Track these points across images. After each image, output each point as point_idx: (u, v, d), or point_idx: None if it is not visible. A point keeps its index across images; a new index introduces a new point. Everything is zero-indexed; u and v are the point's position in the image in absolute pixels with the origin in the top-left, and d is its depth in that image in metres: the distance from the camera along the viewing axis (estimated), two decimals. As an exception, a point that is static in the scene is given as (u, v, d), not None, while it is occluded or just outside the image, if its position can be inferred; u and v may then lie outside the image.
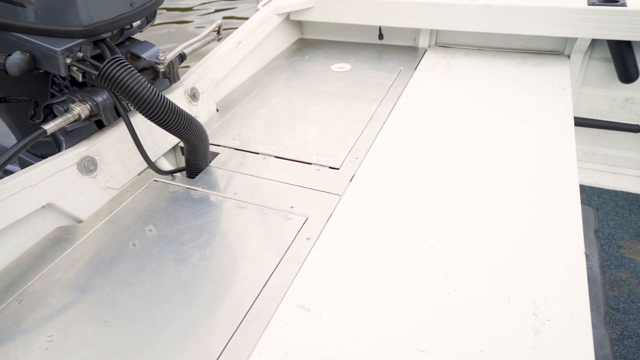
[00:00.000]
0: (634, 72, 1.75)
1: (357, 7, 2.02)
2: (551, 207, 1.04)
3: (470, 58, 1.90)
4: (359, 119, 1.50)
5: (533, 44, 1.91)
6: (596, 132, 1.97)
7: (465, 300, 0.84)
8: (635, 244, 1.63)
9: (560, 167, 1.18)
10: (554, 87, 1.59)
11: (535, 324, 0.79)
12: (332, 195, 1.15)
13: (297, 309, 0.84)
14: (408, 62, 1.94)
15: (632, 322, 1.37)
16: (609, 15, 1.61)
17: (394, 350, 0.76)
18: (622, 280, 1.50)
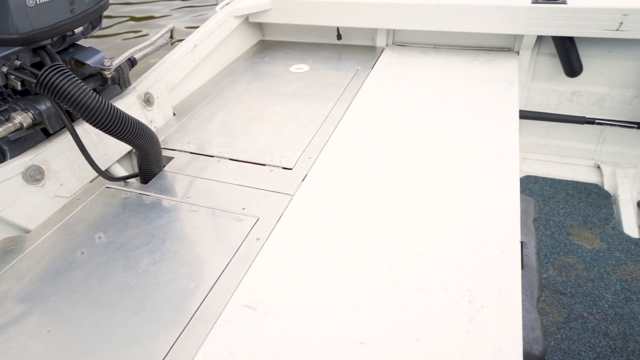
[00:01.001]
0: (577, 66, 1.84)
1: (315, 9, 2.05)
2: (492, 199, 1.09)
3: (426, 56, 1.95)
4: (314, 119, 1.52)
5: (485, 41, 1.97)
6: (547, 124, 2.05)
7: (406, 291, 0.88)
8: (583, 231, 1.71)
9: (502, 160, 1.23)
10: (503, 83, 1.65)
11: (470, 311, 0.83)
12: (284, 195, 1.17)
13: (243, 309, 0.86)
14: (365, 62, 1.97)
15: (578, 305, 1.44)
16: (551, 12, 1.68)
17: (335, 344, 0.78)
18: (570, 265, 1.58)
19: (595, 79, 1.89)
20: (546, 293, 1.48)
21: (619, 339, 1.32)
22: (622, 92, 1.88)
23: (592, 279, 1.51)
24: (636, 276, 1.51)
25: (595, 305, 1.42)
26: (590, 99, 1.94)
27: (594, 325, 1.36)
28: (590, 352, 1.29)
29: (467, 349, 0.77)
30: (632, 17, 1.58)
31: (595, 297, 1.45)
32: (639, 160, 1.97)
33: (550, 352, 1.30)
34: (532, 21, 1.73)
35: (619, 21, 1.61)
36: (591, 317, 1.39)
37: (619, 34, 1.63)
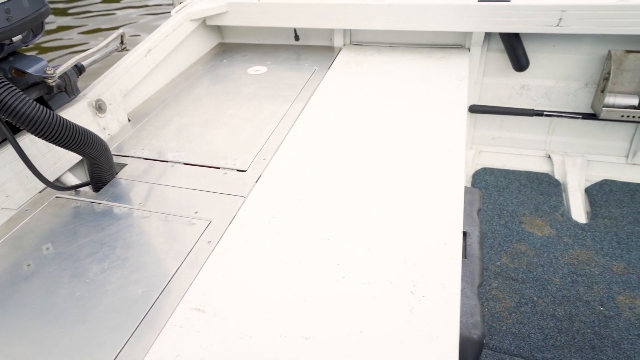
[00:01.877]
0: (524, 61, 1.91)
1: (271, 11, 2.06)
2: (438, 192, 1.13)
3: (381, 55, 1.99)
4: (270, 121, 1.54)
5: (438, 39, 2.03)
6: (501, 117, 2.13)
7: (352, 285, 0.91)
8: (535, 219, 1.79)
9: (449, 154, 1.27)
10: (453, 79, 1.71)
11: (411, 301, 0.87)
12: (237, 197, 1.18)
13: (192, 312, 0.87)
14: (323, 62, 2.00)
15: (529, 289, 1.51)
16: (496, 10, 1.75)
17: (281, 340, 0.80)
18: (522, 252, 1.65)
19: (542, 72, 1.98)
20: (499, 280, 1.54)
21: (565, 320, 1.39)
22: (567, 85, 1.97)
23: (542, 264, 1.58)
24: (582, 260, 1.59)
25: (544, 289, 1.49)
26: (538, 92, 2.02)
27: (543, 308, 1.43)
28: (539, 334, 1.36)
29: (407, 337, 0.80)
30: (569, 13, 1.66)
31: (544, 281, 1.52)
32: (585, 149, 2.06)
33: (502, 336, 1.36)
34: (479, 19, 1.79)
35: (558, 17, 1.68)
36: (540, 300, 1.46)
37: (559, 29, 1.71)
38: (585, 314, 1.40)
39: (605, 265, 1.55)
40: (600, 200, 1.83)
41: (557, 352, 1.30)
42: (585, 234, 1.69)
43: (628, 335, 1.33)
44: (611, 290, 1.47)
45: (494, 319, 1.41)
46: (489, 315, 1.43)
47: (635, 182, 1.89)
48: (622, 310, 1.40)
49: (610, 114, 1.78)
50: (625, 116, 1.76)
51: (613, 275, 1.52)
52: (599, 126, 2.00)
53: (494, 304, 1.46)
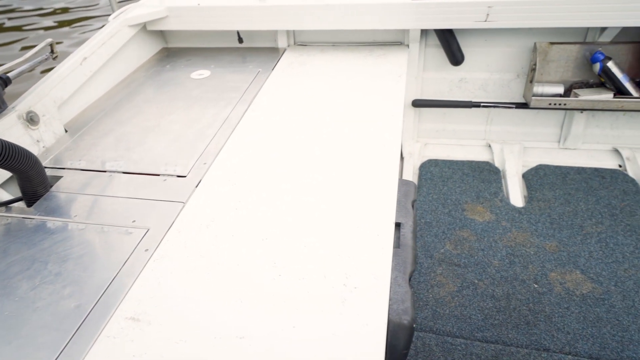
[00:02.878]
0: (459, 55, 2.00)
1: (212, 14, 2.05)
2: (373, 186, 1.17)
3: (324, 54, 2.03)
4: (212, 125, 1.54)
5: (378, 36, 2.08)
6: (443, 110, 2.22)
7: (287, 282, 0.93)
8: (476, 206, 1.88)
9: (386, 148, 1.32)
10: (393, 75, 1.76)
11: (344, 293, 0.90)
12: (176, 203, 1.18)
13: (126, 322, 0.87)
14: (267, 63, 2.01)
15: (470, 273, 1.58)
16: (429, 8, 1.81)
17: (216, 342, 0.82)
18: (464, 238, 1.73)
19: (477, 66, 2.07)
20: (443, 266, 1.61)
21: (503, 299, 1.47)
22: (501, 76, 2.07)
23: (482, 248, 1.67)
24: (519, 242, 1.68)
25: (484, 272, 1.57)
26: (475, 85, 2.12)
27: (483, 290, 1.51)
28: (479, 315, 1.43)
29: (338, 328, 0.84)
30: (495, 9, 1.75)
31: (484, 264, 1.60)
32: (522, 136, 2.18)
33: (445, 320, 1.43)
34: (414, 17, 1.86)
35: (485, 13, 1.77)
36: (481, 283, 1.54)
37: (487, 24, 1.80)
38: (521, 292, 1.49)
39: (539, 245, 1.65)
40: (536, 185, 1.94)
41: (495, 330, 1.38)
42: (521, 217, 1.79)
43: (559, 308, 1.43)
44: (544, 268, 1.56)
45: (438, 304, 1.48)
46: (433, 300, 1.49)
47: (566, 166, 2.01)
48: (554, 286, 1.50)
49: (539, 103, 1.89)
50: (553, 104, 1.87)
51: (546, 254, 1.62)
52: (532, 114, 2.11)
53: (438, 290, 1.53)
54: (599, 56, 1.79)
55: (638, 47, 1.80)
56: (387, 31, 2.05)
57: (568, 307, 1.43)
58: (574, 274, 1.54)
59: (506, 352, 1.32)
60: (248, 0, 2.05)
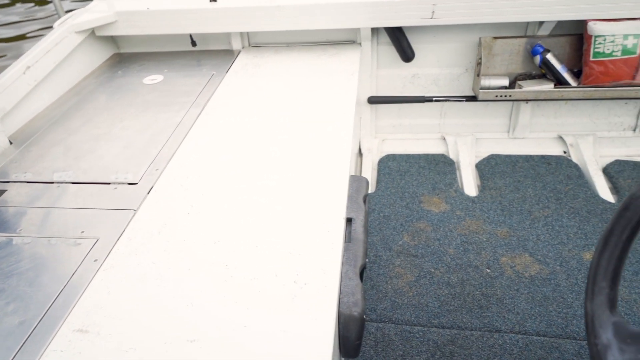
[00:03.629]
0: (409, 52, 2.05)
1: (163, 18, 2.03)
2: (324, 183, 1.20)
3: (279, 55, 2.04)
4: (164, 130, 1.53)
5: (331, 36, 2.11)
6: (398, 106, 2.27)
7: (239, 283, 0.95)
8: (432, 197, 1.94)
9: (337, 145, 1.35)
10: (345, 74, 1.80)
11: (294, 290, 0.93)
12: (127, 211, 1.17)
13: (74, 334, 0.86)
14: (221, 66, 2.00)
15: (427, 263, 1.64)
16: (377, 6, 1.86)
17: (166, 347, 0.82)
18: (421, 230, 1.79)
19: (428, 61, 2.14)
20: (401, 258, 1.66)
21: (458, 286, 1.53)
22: (451, 71, 2.14)
23: (438, 238, 1.72)
24: (472, 229, 1.75)
25: (440, 261, 1.63)
26: (427, 80, 2.18)
27: (439, 278, 1.57)
28: (436, 302, 1.49)
29: (288, 325, 0.86)
30: (440, 6, 1.81)
31: (440, 253, 1.66)
32: (473, 128, 2.26)
33: (404, 309, 1.47)
34: (364, 15, 1.90)
35: (431, 10, 1.83)
36: (437, 271, 1.59)
37: (433, 21, 1.86)
38: (475, 278, 1.55)
39: (491, 232, 1.73)
40: (488, 174, 2.02)
41: (451, 316, 1.44)
42: (475, 205, 1.86)
43: (509, 291, 1.50)
44: (496, 254, 1.64)
45: (396, 294, 1.53)
46: (392, 292, 1.54)
47: (515, 154, 2.11)
48: (505, 269, 1.57)
49: (487, 95, 1.97)
50: (499, 96, 1.96)
51: (498, 239, 1.69)
52: (481, 107, 2.20)
53: (396, 281, 1.58)
54: (538, 49, 1.89)
55: (574, 39, 1.90)
56: (340, 30, 2.09)
57: (518, 288, 1.50)
58: (523, 257, 1.62)
59: (461, 336, 1.38)
60: (200, 3, 2.03)
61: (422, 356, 1.33)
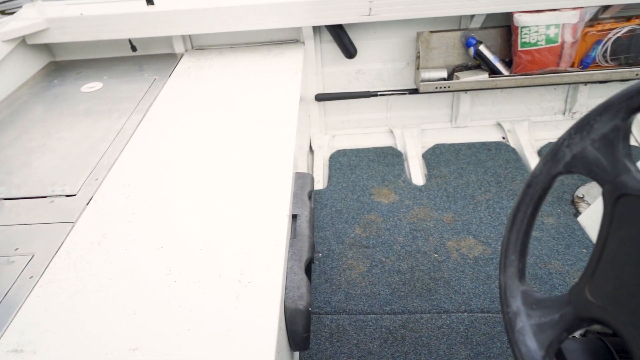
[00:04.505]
0: (352, 49, 2.10)
1: (99, 23, 1.96)
2: (268, 181, 1.21)
3: (222, 57, 2.03)
4: (104, 138, 1.49)
5: (275, 36, 2.12)
6: (345, 102, 2.31)
7: (183, 287, 0.94)
8: (382, 189, 2.00)
9: (281, 142, 1.36)
10: (289, 72, 1.81)
11: (238, 289, 0.94)
12: (65, 224, 1.14)
13: (8, 355, 0.83)
14: (163, 70, 1.97)
15: (378, 253, 1.69)
16: (315, 5, 1.89)
17: (107, 358, 0.81)
18: (372, 221, 1.83)
19: (370, 57, 2.19)
20: (353, 250, 1.70)
21: (407, 272, 1.59)
22: (393, 66, 2.21)
23: (388, 228, 1.78)
24: (421, 217, 1.82)
25: (390, 250, 1.68)
26: (371, 75, 2.24)
27: (390, 266, 1.62)
28: (387, 290, 1.54)
29: (232, 323, 0.87)
30: (376, 3, 1.86)
31: (390, 242, 1.71)
32: (418, 120, 2.34)
33: (357, 300, 1.51)
34: (305, 14, 1.92)
35: (368, 7, 1.88)
36: (388, 260, 1.64)
37: (371, 17, 1.91)
38: (423, 263, 1.62)
39: (437, 218, 1.80)
40: (434, 163, 2.10)
41: (402, 302, 1.49)
42: (422, 194, 1.93)
43: (455, 273, 1.57)
44: (443, 239, 1.71)
45: (350, 285, 1.56)
46: (345, 283, 1.57)
47: (458, 143, 2.20)
48: (451, 253, 1.64)
49: (427, 87, 2.05)
50: (439, 87, 2.04)
51: (444, 225, 1.77)
52: (424, 99, 2.28)
53: (349, 272, 1.61)
54: (472, 41, 1.98)
55: (503, 31, 2.01)
56: (283, 30, 2.10)
57: (463, 270, 1.58)
58: (468, 240, 1.70)
59: (412, 320, 1.43)
60: (137, 7, 1.99)
61: (375, 343, 1.38)
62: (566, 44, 1.84)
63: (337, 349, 1.37)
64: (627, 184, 0.53)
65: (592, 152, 0.58)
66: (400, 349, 1.35)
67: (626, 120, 0.55)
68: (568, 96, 2.24)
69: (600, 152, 0.57)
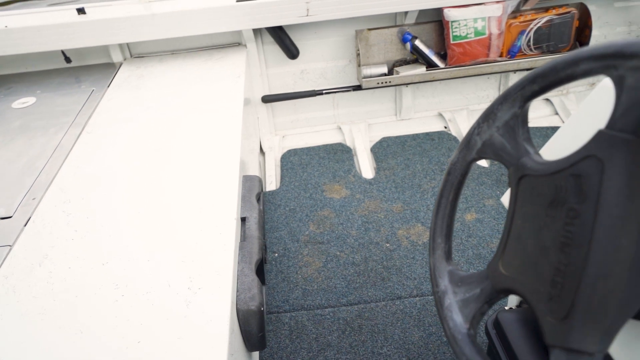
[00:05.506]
0: (294, 49, 2.13)
1: (26, 35, 1.88)
2: (215, 186, 1.22)
3: (163, 64, 2.00)
4: (40, 155, 1.43)
5: (216, 40, 2.11)
6: (293, 102, 2.34)
7: (131, 301, 0.94)
8: (333, 185, 2.04)
9: (226, 147, 1.37)
10: (232, 76, 1.81)
11: (188, 296, 0.94)
12: (1, 248, 1.09)
13: None
14: (101, 81, 1.91)
15: (333, 248, 1.73)
16: (252, 8, 1.90)
17: None
18: (325, 217, 1.88)
19: (313, 57, 2.23)
20: (309, 247, 1.73)
21: (361, 264, 1.64)
22: (336, 64, 2.25)
23: (341, 222, 1.83)
24: (371, 209, 1.88)
25: (344, 243, 1.73)
26: (315, 74, 2.27)
27: (344, 259, 1.67)
28: (343, 282, 1.58)
29: (183, 331, 0.87)
30: (313, 4, 1.90)
31: (344, 236, 1.76)
32: (365, 115, 2.41)
33: (314, 295, 1.55)
34: (243, 17, 1.93)
35: (305, 8, 1.91)
36: (342, 254, 1.69)
37: (309, 18, 1.94)
38: (376, 254, 1.67)
39: (388, 209, 1.87)
40: (382, 156, 2.17)
41: (357, 292, 1.54)
42: (372, 187, 1.99)
43: (406, 260, 1.64)
44: (393, 228, 1.78)
45: (306, 282, 1.60)
46: (302, 280, 1.60)
47: (403, 135, 2.28)
48: (402, 241, 1.71)
49: (369, 83, 2.11)
50: (380, 83, 2.11)
51: (394, 215, 1.84)
52: (368, 94, 2.35)
53: (306, 269, 1.65)
54: (407, 36, 2.06)
55: (437, 25, 2.11)
56: (224, 34, 2.09)
57: (413, 256, 1.65)
58: (417, 227, 1.77)
59: (367, 309, 1.48)
60: (68, 17, 1.91)
61: (333, 335, 1.42)
62: (493, 35, 1.96)
63: (297, 345, 1.40)
64: (527, 165, 0.59)
65: (498, 139, 0.64)
66: (358, 338, 1.40)
67: (522, 108, 0.61)
68: (500, 84, 2.38)
69: (505, 137, 0.63)
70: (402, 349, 1.36)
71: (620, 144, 0.48)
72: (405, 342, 1.38)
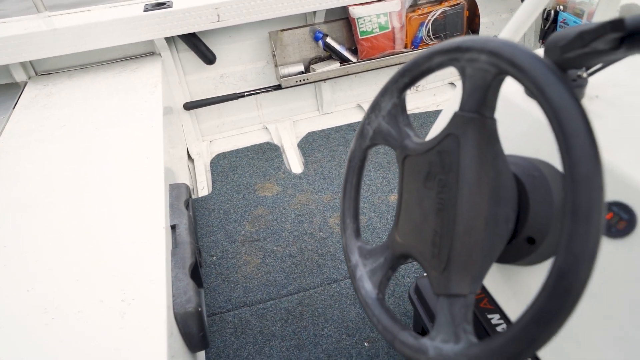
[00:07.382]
0: (210, 55, 2.14)
1: None
2: (140, 198, 1.23)
3: (73, 80, 1.93)
4: None
5: (128, 51, 2.07)
6: (217, 107, 2.35)
7: (63, 322, 0.94)
8: (265, 183, 2.10)
9: (149, 159, 1.38)
10: (148, 87, 1.80)
11: (122, 308, 0.96)
12: None
13: None
14: (5, 103, 1.81)
15: (269, 243, 1.79)
16: (162, 17, 1.89)
17: None
18: (260, 215, 1.93)
19: (231, 61, 2.26)
20: (246, 246, 1.78)
21: (298, 255, 1.72)
22: (254, 66, 2.30)
23: (275, 218, 1.89)
24: (304, 202, 1.97)
25: (280, 238, 1.80)
26: (235, 77, 2.31)
27: (282, 253, 1.74)
28: (282, 275, 1.65)
29: (120, 342, 0.89)
30: (223, 9, 1.94)
31: (279, 231, 1.83)
32: (289, 113, 2.49)
33: (256, 291, 1.61)
34: (152, 27, 1.91)
35: (216, 14, 1.94)
36: (279, 248, 1.76)
37: (221, 24, 1.97)
38: (311, 243, 1.76)
39: (318, 200, 1.96)
40: (309, 150, 2.26)
41: (296, 282, 1.62)
42: (302, 181, 2.08)
43: (339, 245, 1.75)
44: (325, 217, 1.87)
45: (247, 279, 1.65)
46: (243, 278, 1.65)
47: (327, 128, 2.39)
48: (333, 229, 1.82)
49: (288, 82, 2.19)
50: (299, 81, 2.19)
51: (324, 205, 1.94)
52: (289, 93, 2.42)
53: (245, 268, 1.70)
54: (319, 35, 2.16)
55: (346, 23, 2.23)
56: (136, 44, 2.06)
57: (345, 241, 1.76)
58: (346, 214, 1.89)
59: (307, 296, 1.57)
60: None
61: (277, 325, 1.48)
62: (396, 29, 2.12)
63: (242, 341, 1.45)
64: (408, 147, 0.69)
65: (385, 126, 0.73)
66: (300, 324, 1.48)
67: (400, 98, 0.71)
68: None
69: (390, 124, 0.73)
70: (342, 327, 1.46)
71: (469, 122, 0.59)
72: (344, 320, 1.48)
